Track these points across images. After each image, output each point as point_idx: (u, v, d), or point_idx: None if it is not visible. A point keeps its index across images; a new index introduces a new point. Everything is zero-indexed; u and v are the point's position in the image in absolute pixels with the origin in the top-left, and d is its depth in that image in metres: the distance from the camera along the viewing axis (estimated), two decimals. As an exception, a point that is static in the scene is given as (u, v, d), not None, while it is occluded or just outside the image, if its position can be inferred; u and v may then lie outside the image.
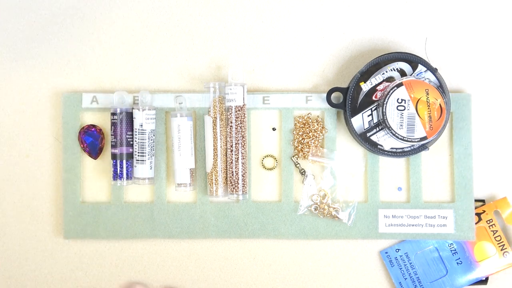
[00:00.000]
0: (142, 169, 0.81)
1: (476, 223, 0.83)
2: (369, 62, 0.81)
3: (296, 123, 0.84)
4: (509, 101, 0.85)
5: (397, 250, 0.84)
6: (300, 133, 0.83)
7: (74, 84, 0.85)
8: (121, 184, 0.81)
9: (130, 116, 0.81)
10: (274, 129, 0.85)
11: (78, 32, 0.85)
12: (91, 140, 0.83)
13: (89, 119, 0.84)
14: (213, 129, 0.81)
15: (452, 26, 0.85)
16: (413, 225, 0.83)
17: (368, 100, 0.81)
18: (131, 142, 0.81)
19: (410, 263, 0.83)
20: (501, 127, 0.85)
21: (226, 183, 0.82)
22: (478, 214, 0.84)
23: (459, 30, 0.85)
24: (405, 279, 0.83)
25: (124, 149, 0.81)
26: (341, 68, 0.85)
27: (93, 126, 0.83)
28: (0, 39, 0.85)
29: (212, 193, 0.82)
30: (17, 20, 0.85)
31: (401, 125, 0.79)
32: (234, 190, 0.81)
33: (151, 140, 0.81)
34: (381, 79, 0.81)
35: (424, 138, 0.79)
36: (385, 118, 0.79)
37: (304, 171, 0.84)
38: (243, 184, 0.81)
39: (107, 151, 0.84)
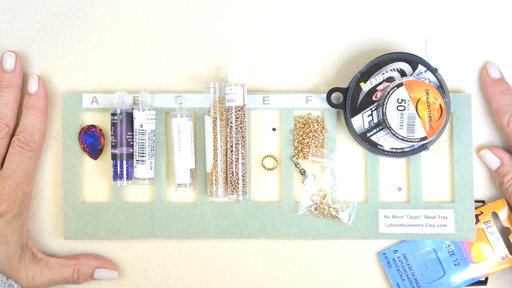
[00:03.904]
0: (142, 170, 0.81)
1: (474, 224, 0.83)
2: (369, 62, 0.81)
3: (296, 123, 0.84)
4: (510, 101, 0.85)
5: (395, 251, 0.84)
6: (300, 133, 0.83)
7: (74, 84, 0.85)
8: (121, 184, 0.81)
9: (130, 117, 0.82)
10: (274, 129, 0.85)
11: (78, 32, 0.85)
12: (91, 141, 0.83)
13: (89, 119, 0.84)
14: (213, 129, 0.81)
15: (452, 26, 0.85)
16: (413, 225, 0.83)
17: (368, 100, 0.80)
18: (131, 143, 0.81)
19: (408, 264, 0.83)
20: (501, 127, 0.85)
21: (226, 183, 0.82)
22: (476, 216, 0.83)
23: (459, 30, 0.85)
24: (403, 280, 0.83)
25: (124, 150, 0.81)
26: (341, 68, 0.85)
27: (93, 126, 0.83)
28: (0, 39, 0.85)
29: (212, 193, 0.82)
30: (17, 20, 0.85)
31: (401, 125, 0.79)
32: (234, 190, 0.81)
33: (151, 140, 0.81)
34: (381, 79, 0.80)
35: (424, 138, 0.79)
36: (385, 118, 0.79)
37: (304, 171, 0.84)
38: (243, 184, 0.81)
39: (107, 152, 0.84)
